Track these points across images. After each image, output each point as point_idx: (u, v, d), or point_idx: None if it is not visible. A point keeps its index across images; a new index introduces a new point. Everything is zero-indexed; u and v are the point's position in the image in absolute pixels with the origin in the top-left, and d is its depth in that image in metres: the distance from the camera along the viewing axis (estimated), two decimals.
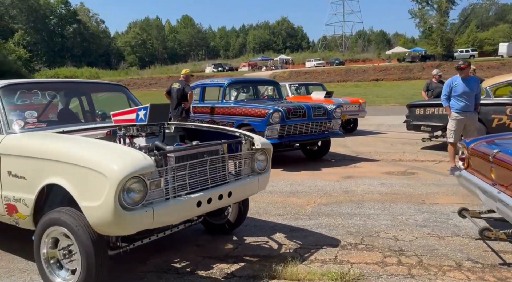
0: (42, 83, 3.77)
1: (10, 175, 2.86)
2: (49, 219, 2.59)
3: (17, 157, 2.82)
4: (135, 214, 2.37)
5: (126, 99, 4.10)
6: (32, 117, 3.18)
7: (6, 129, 3.03)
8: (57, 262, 2.69)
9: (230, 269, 2.98)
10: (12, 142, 2.92)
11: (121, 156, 2.42)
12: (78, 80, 4.40)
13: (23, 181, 2.78)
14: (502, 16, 79.33)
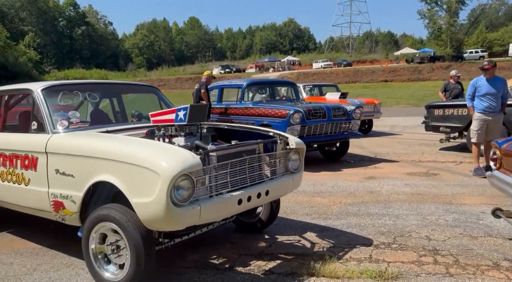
0: (82, 84, 3.85)
1: (57, 173, 2.93)
2: (98, 215, 2.65)
3: (65, 155, 2.89)
4: (184, 211, 2.42)
5: (157, 100, 4.15)
6: (75, 117, 3.25)
7: (52, 129, 3.10)
8: (105, 257, 2.75)
9: (268, 266, 3.01)
10: (59, 141, 2.98)
11: (171, 154, 2.47)
12: (114, 82, 4.46)
13: (71, 178, 2.84)
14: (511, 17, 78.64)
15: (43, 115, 3.18)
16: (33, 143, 3.12)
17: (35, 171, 3.11)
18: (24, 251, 3.48)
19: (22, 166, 3.20)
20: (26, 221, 4.23)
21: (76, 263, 3.19)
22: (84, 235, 2.76)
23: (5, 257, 3.38)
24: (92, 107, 3.96)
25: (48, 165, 3.00)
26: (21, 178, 3.22)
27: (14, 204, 3.41)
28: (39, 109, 3.23)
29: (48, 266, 3.16)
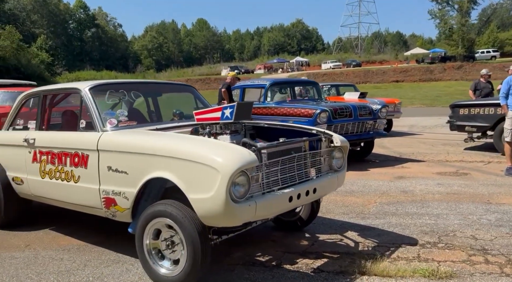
0: (127, 84, 3.88)
1: (110, 170, 2.95)
2: (154, 211, 2.66)
3: (118, 153, 2.91)
4: (242, 207, 2.44)
5: (193, 99, 4.17)
6: (123, 115, 3.28)
7: (101, 127, 3.13)
8: (159, 253, 2.76)
9: (315, 264, 3.00)
10: (111, 139, 3.00)
11: (230, 152, 2.49)
12: (156, 81, 4.49)
13: (124, 175, 2.86)
14: None
15: (92, 114, 3.21)
16: (84, 141, 3.15)
17: (85, 169, 3.14)
18: (71, 248, 3.52)
19: (72, 163, 3.23)
20: (66, 218, 4.29)
21: (124, 259, 3.21)
22: (138, 231, 2.77)
23: (54, 253, 3.41)
24: (131, 106, 3.98)
25: (100, 163, 3.03)
26: (70, 175, 3.26)
27: (62, 201, 3.44)
28: (87, 108, 3.27)
29: (97, 262, 3.19)
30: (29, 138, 3.62)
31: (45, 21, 71.98)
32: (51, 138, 3.50)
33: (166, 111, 4.18)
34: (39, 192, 3.65)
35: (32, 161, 3.61)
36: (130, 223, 2.99)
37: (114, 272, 2.99)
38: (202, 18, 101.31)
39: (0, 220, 4.00)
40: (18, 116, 4.10)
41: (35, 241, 3.72)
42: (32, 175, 3.63)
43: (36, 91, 3.94)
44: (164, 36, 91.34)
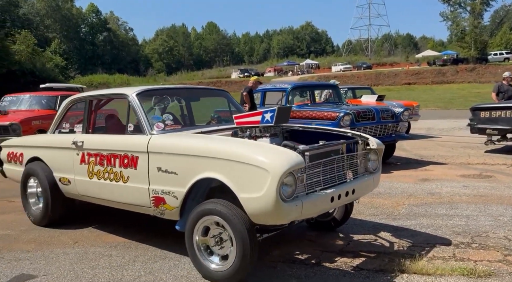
0: (170, 89, 4.08)
1: (159, 171, 3.13)
2: (204, 210, 2.83)
3: (168, 155, 3.08)
4: (289, 206, 2.59)
5: (227, 103, 4.35)
6: (169, 119, 3.46)
7: (149, 131, 3.31)
8: (207, 249, 2.92)
9: (354, 263, 3.13)
10: (160, 142, 3.18)
11: (278, 154, 2.64)
12: (194, 86, 4.70)
13: (174, 176, 3.04)
14: None
15: (140, 118, 3.40)
16: (133, 143, 3.34)
17: (135, 169, 3.32)
18: (117, 245, 3.70)
19: (121, 164, 3.42)
20: (107, 217, 4.49)
21: (169, 256, 3.38)
22: (188, 228, 2.94)
23: (102, 249, 3.60)
24: (185, 110, 4.15)
25: (150, 164, 3.21)
26: (119, 176, 3.45)
27: (109, 200, 3.63)
28: (135, 112, 3.46)
29: (145, 258, 3.37)
30: (77, 140, 3.82)
31: (58, 26, 73.13)
32: (100, 140, 3.70)
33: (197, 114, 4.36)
34: (86, 192, 3.84)
35: (80, 163, 3.80)
36: (178, 221, 3.16)
37: (163, 267, 3.17)
38: (212, 22, 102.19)
39: (47, 219, 4.20)
40: (64, 120, 4.31)
41: (81, 238, 3.91)
42: (80, 176, 3.83)
43: (83, 97, 4.14)
44: (175, 39, 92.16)
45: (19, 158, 4.53)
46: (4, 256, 3.50)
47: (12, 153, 4.64)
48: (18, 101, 9.14)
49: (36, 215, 4.31)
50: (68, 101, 4.27)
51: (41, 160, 4.23)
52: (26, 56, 40.96)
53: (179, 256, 3.36)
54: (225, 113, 4.28)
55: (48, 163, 4.17)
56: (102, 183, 3.61)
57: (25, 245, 3.78)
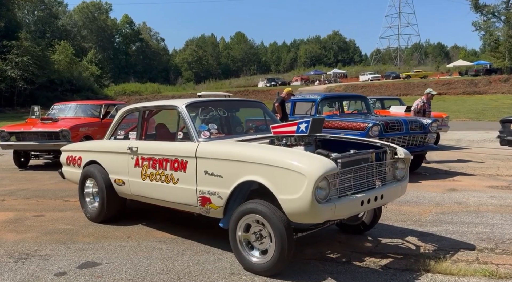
0: (214, 102, 4.52)
1: (206, 174, 3.55)
2: (246, 209, 3.21)
3: (215, 160, 3.50)
4: (323, 207, 2.94)
5: (262, 113, 4.75)
6: (214, 128, 3.89)
7: (197, 138, 3.74)
8: (249, 244, 3.30)
9: (382, 262, 3.41)
10: (208, 148, 3.60)
11: (314, 160, 3.00)
12: (234, 99, 5.13)
13: (220, 178, 3.45)
14: None
15: (188, 127, 3.84)
16: (183, 149, 3.78)
17: (184, 172, 3.75)
18: (165, 240, 4.13)
19: (172, 168, 3.86)
20: (154, 215, 4.95)
21: (212, 250, 3.77)
22: (231, 225, 3.32)
23: (153, 243, 4.04)
24: (227, 120, 4.57)
25: (198, 168, 3.63)
26: (170, 178, 3.88)
27: (160, 199, 4.07)
28: (184, 122, 3.91)
29: (192, 252, 3.78)
30: (132, 146, 4.30)
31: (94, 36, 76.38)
32: (153, 146, 4.16)
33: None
34: (139, 192, 4.31)
35: (134, 166, 4.28)
36: (221, 219, 3.55)
37: (209, 260, 3.56)
38: (240, 32, 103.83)
39: (103, 216, 4.69)
40: (119, 127, 4.82)
41: (133, 233, 4.37)
42: (134, 178, 4.30)
43: (137, 107, 4.64)
44: (204, 49, 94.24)
45: (78, 161, 5.07)
46: (70, 247, 3.99)
47: (71, 157, 5.19)
48: (66, 109, 9.89)
49: (92, 212, 4.81)
50: (124, 111, 4.78)
51: (98, 163, 4.74)
52: (65, 65, 43.12)
53: (222, 251, 3.74)
54: (256, 122, 4.66)
55: (104, 166, 4.67)
56: (154, 184, 4.06)
57: (86, 238, 4.27)
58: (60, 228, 4.65)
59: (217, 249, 3.80)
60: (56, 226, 4.73)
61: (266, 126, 4.44)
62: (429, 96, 8.58)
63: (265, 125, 4.48)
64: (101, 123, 9.38)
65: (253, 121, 4.98)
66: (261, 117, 4.83)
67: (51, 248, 3.98)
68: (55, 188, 6.79)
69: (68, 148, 5.42)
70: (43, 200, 6.00)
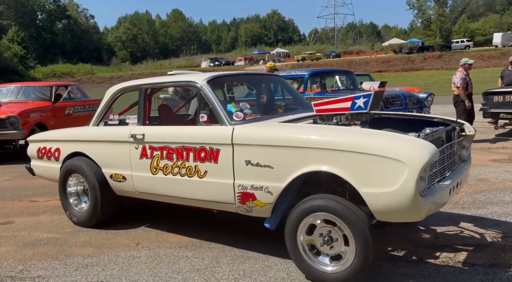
0: (239, 75, 3.74)
1: (248, 164, 2.84)
2: (311, 206, 2.58)
3: (261, 147, 2.78)
4: (425, 201, 2.38)
5: (281, 89, 4.10)
6: (247, 108, 3.15)
7: (229, 121, 3.00)
8: (313, 249, 2.68)
9: (459, 258, 2.96)
10: (247, 132, 2.88)
11: (414, 144, 2.41)
12: (256, 72, 4.36)
13: (269, 169, 2.76)
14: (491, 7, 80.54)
15: (216, 108, 3.08)
16: (212, 135, 3.02)
17: (215, 163, 3.01)
18: (186, 245, 3.39)
19: (197, 158, 3.09)
20: (154, 214, 4.16)
21: (252, 255, 3.11)
22: (290, 227, 2.68)
23: (173, 250, 3.28)
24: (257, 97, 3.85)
25: (235, 157, 2.90)
26: (193, 170, 3.12)
27: (180, 197, 3.28)
28: (209, 101, 3.13)
29: (227, 259, 3.09)
30: (136, 133, 3.43)
31: (12, 12, 68.70)
32: (167, 133, 3.34)
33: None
34: (148, 189, 3.48)
35: (140, 157, 3.43)
36: (267, 218, 2.89)
37: (255, 269, 2.91)
38: (177, 9, 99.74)
39: (95, 219, 3.80)
40: (109, 111, 3.89)
41: (141, 239, 3.56)
42: (139, 172, 3.46)
43: (136, 85, 3.73)
44: (139, 27, 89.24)
45: (55, 153, 4.06)
46: (67, 263, 3.11)
47: (44, 148, 4.16)
48: (7, 92, 8.36)
49: (80, 215, 3.89)
50: (117, 90, 3.83)
51: (85, 156, 3.81)
52: None
53: (264, 256, 3.10)
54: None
55: (95, 159, 3.75)
56: (170, 178, 3.27)
57: (82, 249, 3.39)
58: (41, 237, 3.70)
59: (257, 254, 3.14)
60: (34, 235, 3.77)
61: (297, 104, 3.79)
62: (467, 67, 7.54)
63: (295, 103, 3.81)
64: (53, 108, 8.07)
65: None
66: (279, 94, 4.17)
67: (41, 266, 3.08)
68: (13, 186, 5.62)
69: (38, 137, 4.36)
70: (3, 203, 4.87)
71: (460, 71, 7.52)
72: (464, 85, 7.36)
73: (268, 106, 3.76)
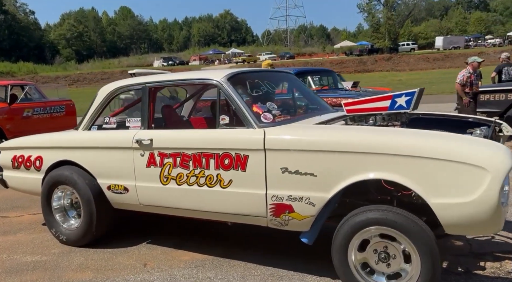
0: (260, 72, 3.40)
1: (285, 172, 2.53)
2: (368, 219, 2.31)
3: (300, 152, 2.48)
4: (504, 210, 2.18)
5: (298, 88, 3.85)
6: (275, 109, 2.84)
7: (257, 123, 2.67)
8: (366, 267, 2.42)
9: (506, 267, 2.79)
10: (283, 136, 2.58)
11: (495, 148, 2.19)
12: (275, 70, 4.00)
13: (311, 178, 2.46)
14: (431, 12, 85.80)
15: (240, 108, 2.74)
16: (239, 139, 2.67)
17: (242, 171, 2.66)
18: (201, 263, 3.00)
19: (219, 166, 2.73)
20: (148, 229, 3.72)
21: (283, 274, 2.78)
22: (339, 243, 2.40)
23: (191, 271, 2.89)
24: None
25: (268, 164, 2.58)
26: (214, 179, 2.76)
27: (197, 210, 2.90)
28: (232, 101, 2.79)
29: (258, 279, 2.74)
30: (142, 138, 3.00)
31: None
32: (181, 137, 2.94)
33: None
34: (155, 201, 3.06)
35: (147, 165, 3.00)
36: (304, 233, 2.60)
37: None
38: (126, 6, 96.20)
39: (90, 237, 3.30)
40: (103, 113, 3.40)
41: (147, 258, 3.13)
42: (146, 182, 3.04)
43: (136, 83, 3.28)
44: (84, 24, 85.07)
45: (35, 162, 3.50)
46: None
47: (21, 157, 3.57)
48: None
49: (69, 233, 3.37)
50: (114, 89, 3.34)
51: (75, 164, 3.30)
52: None
53: (297, 274, 2.77)
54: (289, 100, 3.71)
55: (88, 168, 3.25)
56: (184, 189, 2.88)
57: (79, 273, 2.90)
58: (25, 261, 3.15)
59: (287, 272, 2.81)
60: (16, 258, 3.21)
61: (315, 104, 3.52)
62: (475, 65, 7.32)
63: (314, 103, 3.54)
64: (10, 110, 7.23)
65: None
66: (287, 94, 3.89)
67: None
68: None
69: (12, 144, 3.76)
70: None
71: (467, 69, 7.50)
72: (463, 82, 7.38)
73: (291, 106, 3.47)
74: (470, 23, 72.82)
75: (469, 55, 40.85)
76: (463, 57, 41.20)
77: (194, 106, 4.38)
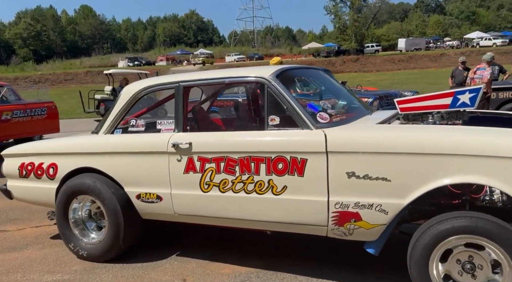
0: (308, 69, 3.19)
1: (351, 177, 2.35)
2: (452, 228, 2.14)
3: (369, 154, 2.31)
4: None
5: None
6: (329, 108, 2.67)
7: (314, 124, 2.49)
8: (448, 279, 2.23)
9: None
10: (347, 137, 2.41)
11: None
12: (313, 67, 3.76)
13: (383, 183, 2.29)
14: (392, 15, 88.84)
15: (293, 108, 2.54)
16: (295, 142, 2.48)
17: (299, 176, 2.47)
18: (246, 277, 2.77)
19: (272, 171, 2.52)
20: (172, 239, 3.43)
21: None
22: (419, 254, 2.23)
23: None
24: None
25: (331, 168, 2.40)
26: (266, 186, 2.54)
27: (242, 219, 2.67)
28: (282, 100, 2.59)
29: None
30: (179, 142, 2.74)
31: None
32: (225, 141, 2.70)
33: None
34: (194, 210, 2.80)
35: (185, 172, 2.74)
36: (370, 243, 2.44)
37: None
38: (87, 5, 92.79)
39: (116, 250, 2.99)
40: (128, 114, 3.08)
41: (185, 273, 2.85)
42: (183, 189, 2.77)
43: (167, 82, 2.98)
44: (42, 23, 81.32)
45: (48, 170, 3.13)
46: None
47: (31, 164, 3.19)
48: None
49: (91, 248, 3.04)
50: (140, 89, 3.02)
51: (98, 172, 2.98)
52: None
53: None
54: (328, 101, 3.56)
55: (114, 176, 2.94)
56: (230, 196, 2.64)
57: None
58: (46, 281, 2.80)
59: None
60: (34, 278, 2.85)
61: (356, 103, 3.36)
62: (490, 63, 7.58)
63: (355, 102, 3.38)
64: None
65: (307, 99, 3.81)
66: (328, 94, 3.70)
67: None
68: None
69: (18, 150, 3.35)
70: None
71: (489, 67, 7.65)
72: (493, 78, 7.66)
73: (337, 105, 3.29)
74: (429, 26, 75.84)
75: (432, 56, 42.70)
76: (426, 58, 43.02)
77: (210, 106, 4.13)
